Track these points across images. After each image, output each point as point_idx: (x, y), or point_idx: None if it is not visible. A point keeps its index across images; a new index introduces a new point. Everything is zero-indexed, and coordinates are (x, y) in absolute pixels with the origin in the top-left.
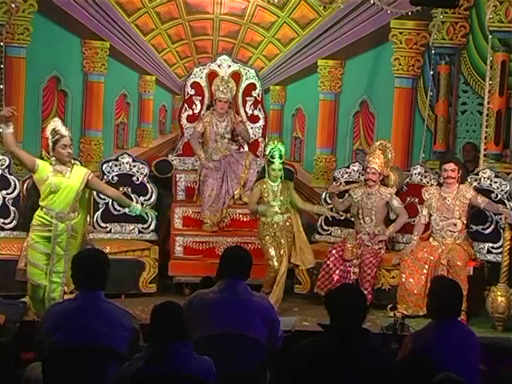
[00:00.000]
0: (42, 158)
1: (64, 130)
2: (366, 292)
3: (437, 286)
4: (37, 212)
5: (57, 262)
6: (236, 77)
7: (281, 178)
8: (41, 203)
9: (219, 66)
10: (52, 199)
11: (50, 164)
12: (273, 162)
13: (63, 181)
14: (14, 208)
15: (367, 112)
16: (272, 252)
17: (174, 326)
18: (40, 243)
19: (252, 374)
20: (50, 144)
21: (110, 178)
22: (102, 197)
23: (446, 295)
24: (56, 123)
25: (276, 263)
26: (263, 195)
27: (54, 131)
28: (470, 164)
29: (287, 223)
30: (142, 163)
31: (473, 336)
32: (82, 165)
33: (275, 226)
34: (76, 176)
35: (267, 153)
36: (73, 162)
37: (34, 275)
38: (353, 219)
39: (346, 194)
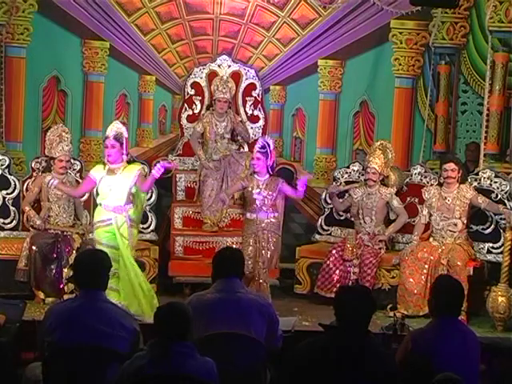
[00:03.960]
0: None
1: (110, 132)
2: None
3: (439, 284)
4: (98, 208)
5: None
6: (236, 77)
7: (271, 174)
8: (98, 201)
9: (219, 65)
10: (108, 196)
11: (104, 166)
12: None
13: (113, 180)
14: (14, 208)
15: (367, 112)
16: (247, 251)
17: (178, 326)
18: (106, 238)
19: (252, 374)
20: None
21: None
22: None
23: (447, 293)
24: (110, 125)
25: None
26: (247, 188)
27: (107, 132)
28: (471, 164)
29: (273, 222)
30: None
31: (473, 336)
32: (82, 165)
33: (258, 223)
34: (126, 175)
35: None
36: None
37: None
38: (353, 219)
39: (346, 194)
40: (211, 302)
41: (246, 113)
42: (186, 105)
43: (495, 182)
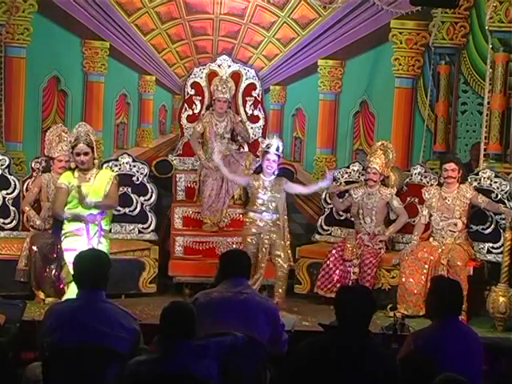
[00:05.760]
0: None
1: (81, 137)
2: None
3: (436, 285)
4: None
5: None
6: (236, 77)
7: (277, 174)
8: (66, 210)
9: (219, 65)
10: (80, 206)
11: (72, 173)
12: (267, 152)
13: (86, 187)
14: (14, 208)
15: (367, 112)
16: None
17: (182, 325)
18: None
19: (252, 374)
20: (70, 150)
21: None
22: None
23: (446, 293)
24: (78, 128)
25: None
26: (253, 187)
27: (75, 137)
28: (475, 163)
29: (275, 224)
30: (142, 163)
31: (475, 336)
32: None
33: (260, 224)
34: (100, 179)
35: (264, 145)
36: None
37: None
38: (353, 219)
39: (347, 194)
40: (217, 300)
41: (246, 113)
42: (186, 105)
43: (495, 182)
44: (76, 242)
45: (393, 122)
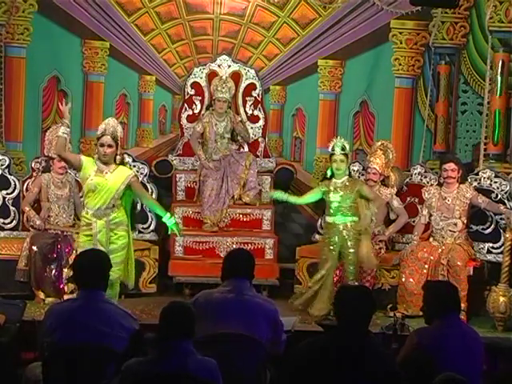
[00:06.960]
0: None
1: (108, 129)
2: None
3: (432, 288)
4: (82, 212)
5: None
6: (236, 77)
7: (349, 175)
8: (83, 202)
9: (219, 66)
10: (91, 198)
11: (95, 162)
12: (333, 154)
13: (102, 181)
14: (14, 208)
15: (367, 112)
16: (326, 256)
17: (181, 325)
18: (85, 242)
19: (252, 374)
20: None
21: None
22: None
23: (445, 293)
24: (107, 122)
25: (317, 276)
26: (326, 195)
27: (102, 130)
28: (476, 164)
29: (352, 227)
30: (142, 163)
31: (476, 335)
32: None
33: (335, 228)
34: (117, 177)
35: (330, 149)
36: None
37: None
38: None
39: None
40: (218, 301)
41: (246, 113)
42: (185, 105)
43: (495, 182)
44: (85, 238)
45: (393, 122)
